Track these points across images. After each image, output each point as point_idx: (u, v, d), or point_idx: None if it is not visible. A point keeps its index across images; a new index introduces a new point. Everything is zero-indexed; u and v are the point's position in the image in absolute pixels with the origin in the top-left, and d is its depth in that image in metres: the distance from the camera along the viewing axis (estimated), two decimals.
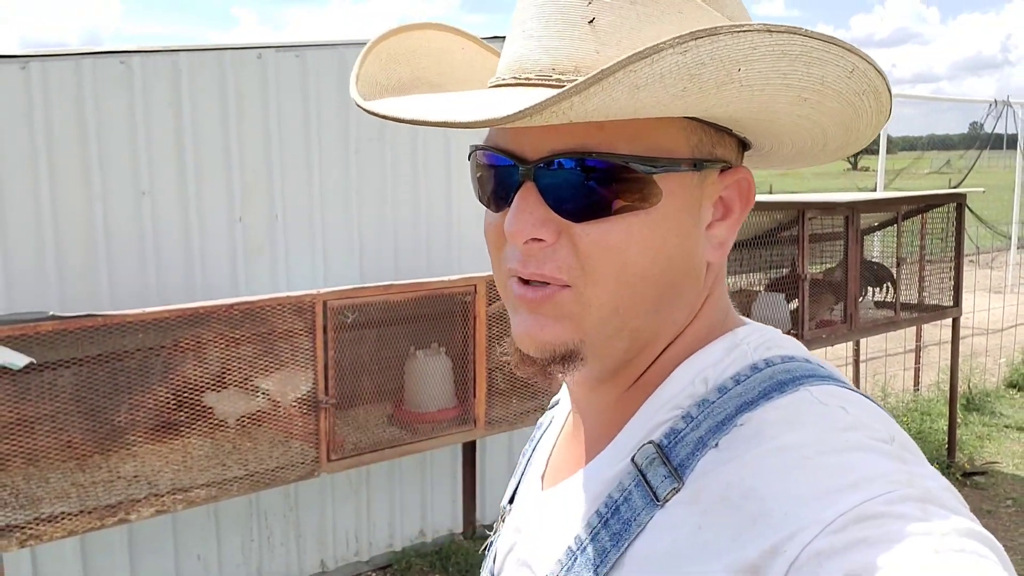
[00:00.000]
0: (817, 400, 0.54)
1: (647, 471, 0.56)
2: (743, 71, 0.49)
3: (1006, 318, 7.78)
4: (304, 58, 3.28)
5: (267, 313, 2.68)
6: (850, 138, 0.62)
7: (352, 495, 3.63)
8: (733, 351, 0.60)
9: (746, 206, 0.61)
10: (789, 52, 0.49)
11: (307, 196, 3.39)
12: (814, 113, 0.56)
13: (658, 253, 0.57)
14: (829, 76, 0.52)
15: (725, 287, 0.66)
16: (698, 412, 0.57)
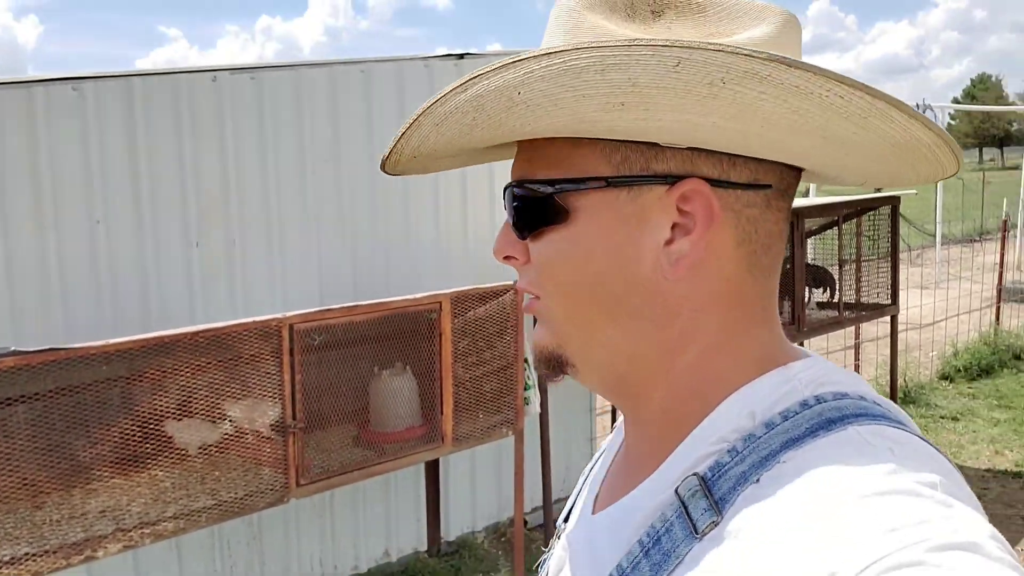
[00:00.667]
0: (864, 440, 0.53)
1: (689, 503, 0.56)
2: (523, 94, 0.54)
3: (936, 313, 8.12)
4: (260, 80, 3.26)
5: (233, 339, 2.65)
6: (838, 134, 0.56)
7: (316, 519, 3.59)
8: (784, 386, 0.59)
9: (708, 219, 0.58)
10: (574, 66, 0.51)
11: (264, 219, 3.36)
12: (645, 116, 0.54)
13: (584, 267, 0.61)
14: (644, 76, 0.51)
15: (764, 318, 0.63)
16: (744, 447, 0.56)
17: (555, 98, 0.54)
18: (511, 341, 3.29)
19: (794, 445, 0.54)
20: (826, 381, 0.59)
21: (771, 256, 0.62)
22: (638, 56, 0.50)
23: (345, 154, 3.55)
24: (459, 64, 3.91)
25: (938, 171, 0.61)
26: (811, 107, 0.52)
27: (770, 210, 0.60)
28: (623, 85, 0.52)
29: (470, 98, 0.56)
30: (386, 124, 3.67)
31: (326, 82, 3.50)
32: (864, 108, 0.52)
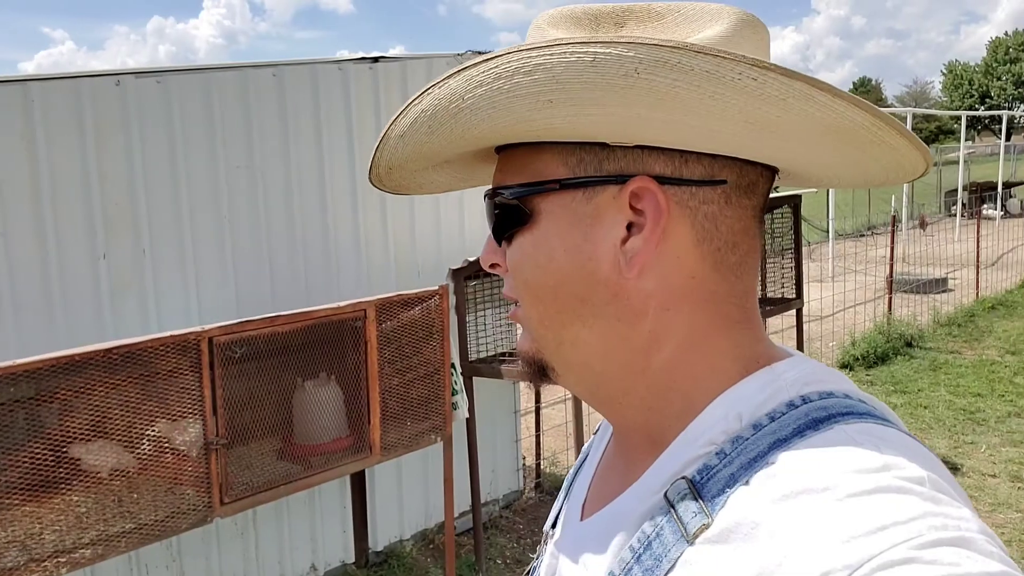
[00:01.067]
0: (850, 439, 0.53)
1: (679, 506, 0.56)
2: (467, 99, 0.57)
3: (835, 304, 8.52)
4: (167, 84, 3.13)
5: (149, 355, 2.54)
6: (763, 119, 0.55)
7: (238, 536, 3.48)
8: (770, 386, 0.59)
9: (658, 216, 0.58)
10: (506, 69, 0.55)
11: (175, 228, 3.23)
12: (605, 108, 0.54)
13: (547, 268, 0.62)
14: (566, 73, 0.53)
15: (749, 316, 0.63)
16: (731, 448, 0.56)
17: (492, 101, 0.56)
18: (437, 346, 3.27)
19: (782, 446, 0.54)
20: (812, 380, 0.59)
21: (739, 254, 0.61)
22: (560, 55, 0.52)
23: (260, 159, 3.46)
24: (374, 68, 3.87)
25: (898, 160, 0.60)
26: (726, 91, 0.52)
27: (731, 207, 0.60)
28: (549, 83, 0.53)
29: (425, 107, 0.60)
30: (301, 128, 3.59)
31: (237, 85, 3.39)
32: (781, 89, 0.52)
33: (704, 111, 0.53)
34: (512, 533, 4.27)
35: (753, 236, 0.62)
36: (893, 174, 0.64)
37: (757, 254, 0.63)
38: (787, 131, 0.55)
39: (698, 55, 0.51)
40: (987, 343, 7.87)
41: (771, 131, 0.55)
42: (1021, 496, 4.46)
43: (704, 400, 0.60)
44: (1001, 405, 5.99)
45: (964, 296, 9.92)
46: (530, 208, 0.62)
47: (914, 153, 0.59)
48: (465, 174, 0.72)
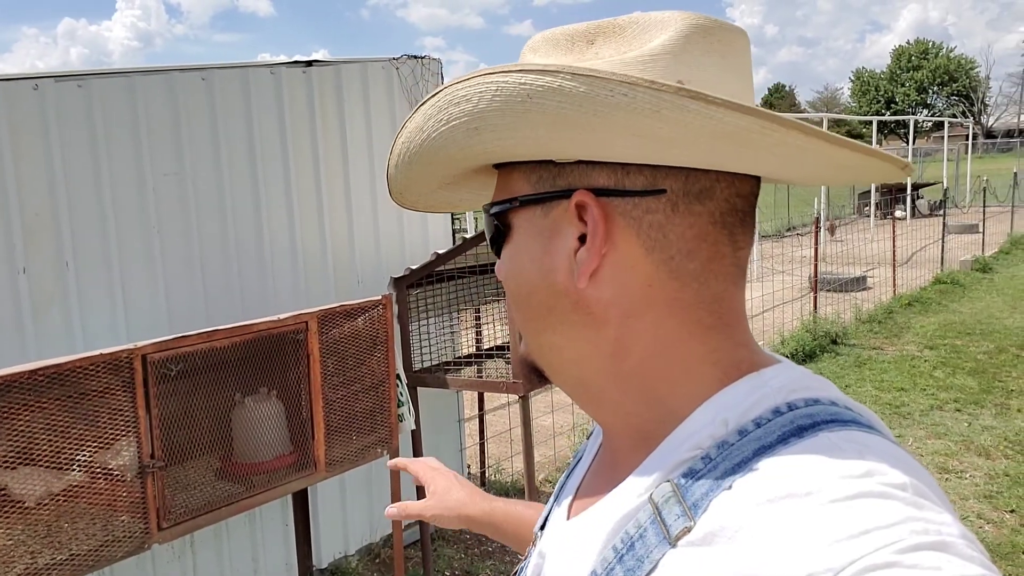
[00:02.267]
0: (834, 445, 0.54)
1: (663, 509, 0.57)
2: (424, 129, 0.64)
3: (763, 304, 8.73)
4: (88, 88, 2.97)
5: (78, 375, 2.39)
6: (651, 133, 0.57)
7: (175, 560, 3.33)
8: (756, 393, 0.59)
9: (596, 228, 0.60)
10: (442, 101, 0.61)
11: (101, 239, 3.07)
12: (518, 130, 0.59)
13: (520, 279, 0.67)
14: (480, 103, 0.58)
15: (728, 321, 0.63)
16: (717, 453, 0.57)
17: (436, 130, 0.62)
18: (382, 357, 3.19)
19: (766, 452, 0.55)
20: (798, 387, 0.60)
21: (699, 261, 0.61)
22: (475, 85, 0.58)
23: (190, 166, 3.32)
24: (307, 72, 3.76)
25: (832, 159, 0.59)
26: (606, 109, 0.54)
27: (679, 215, 0.60)
28: (472, 113, 0.59)
29: (403, 139, 0.66)
30: (232, 133, 3.46)
31: (164, 90, 3.25)
32: (652, 102, 0.53)
33: (593, 128, 0.56)
34: (459, 544, 4.20)
35: (714, 242, 0.61)
36: (851, 173, 0.64)
37: (725, 260, 0.62)
38: (676, 140, 0.56)
39: (575, 76, 0.54)
40: (906, 339, 8.18)
41: (662, 142, 0.56)
42: (949, 487, 4.62)
43: (685, 405, 0.61)
44: (923, 399, 6.22)
45: (882, 294, 10.31)
46: (506, 223, 0.67)
47: (841, 151, 0.58)
48: (485, 191, 0.74)
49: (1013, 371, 6.83)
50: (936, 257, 12.31)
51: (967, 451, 5.14)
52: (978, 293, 10.44)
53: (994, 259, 12.93)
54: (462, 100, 0.59)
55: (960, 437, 5.37)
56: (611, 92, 0.53)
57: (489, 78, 0.57)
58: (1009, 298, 9.99)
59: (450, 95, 0.60)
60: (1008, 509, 4.30)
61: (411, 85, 4.19)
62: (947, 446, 5.23)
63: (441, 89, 0.60)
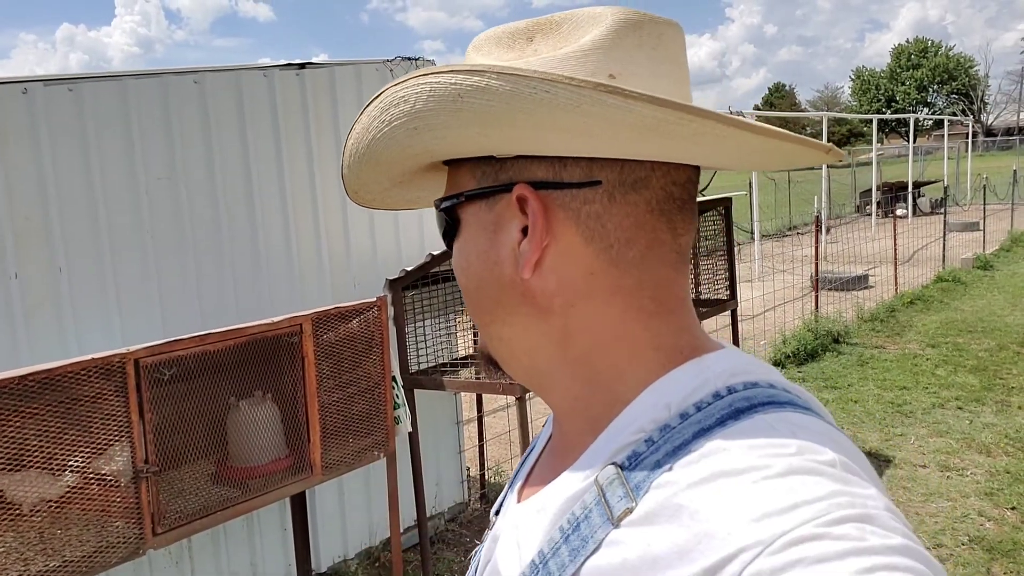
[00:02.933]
0: (769, 426, 0.56)
1: (607, 490, 0.58)
2: (370, 129, 0.65)
3: (765, 303, 8.70)
4: (80, 92, 2.96)
5: (70, 380, 2.37)
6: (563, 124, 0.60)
7: (173, 566, 3.31)
8: (698, 377, 0.61)
9: (535, 219, 0.62)
10: (383, 103, 0.62)
11: (94, 244, 3.06)
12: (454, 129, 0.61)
13: (467, 272, 0.68)
14: (417, 104, 0.60)
15: (670, 308, 0.65)
16: (659, 436, 0.58)
17: (380, 131, 0.64)
18: (377, 359, 3.17)
19: (705, 434, 0.57)
20: (739, 372, 0.62)
21: (638, 248, 0.63)
22: (412, 87, 0.60)
23: (183, 170, 3.30)
24: (300, 74, 3.75)
25: (740, 147, 0.61)
26: (531, 106, 0.56)
27: (615, 204, 0.62)
28: (409, 113, 0.61)
29: (352, 140, 0.67)
30: (225, 137, 3.45)
31: (157, 93, 3.24)
32: (572, 98, 0.55)
33: (521, 124, 0.58)
34: (459, 547, 4.18)
35: (652, 230, 0.63)
36: (777, 157, 0.66)
37: (664, 247, 0.64)
38: (599, 134, 0.58)
39: (501, 76, 0.56)
40: (909, 337, 8.15)
41: (587, 135, 0.58)
42: (951, 485, 4.60)
43: (630, 390, 0.63)
44: (926, 397, 6.19)
45: (884, 292, 10.28)
46: (455, 219, 0.68)
47: (758, 138, 0.59)
48: (438, 189, 0.75)
49: (1014, 368, 6.80)
50: (937, 255, 12.28)
51: (968, 449, 5.11)
52: (979, 291, 10.41)
53: (995, 257, 12.89)
54: (401, 101, 0.61)
55: (962, 435, 5.34)
56: (533, 89, 0.55)
57: (423, 79, 0.59)
58: (1010, 295, 9.96)
59: (390, 96, 0.61)
60: (1009, 506, 4.27)
61: None
62: (949, 444, 5.20)
63: (383, 91, 0.62)
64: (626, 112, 0.55)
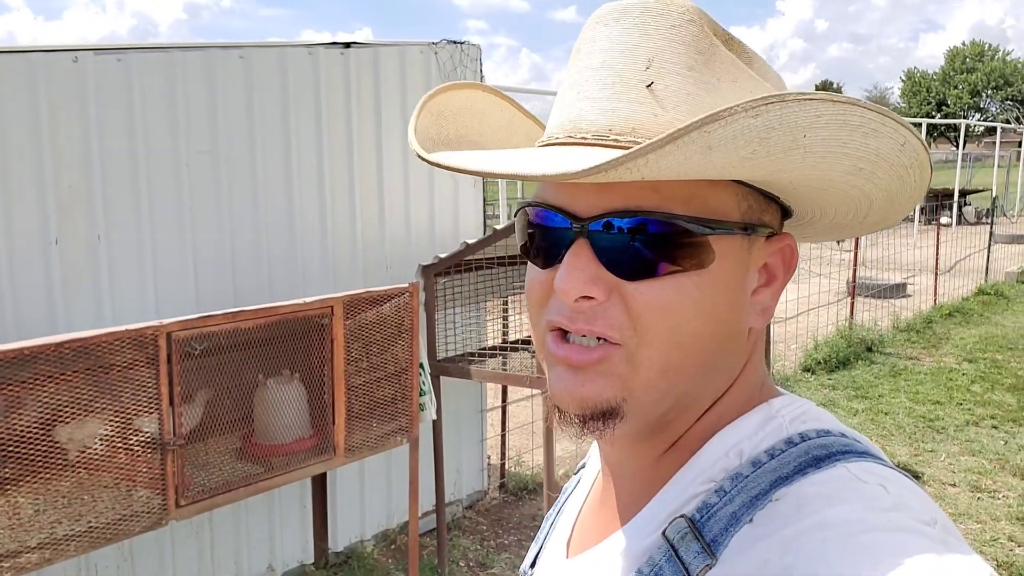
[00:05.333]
0: (856, 477, 0.53)
1: (679, 546, 0.55)
2: (808, 137, 0.50)
3: (798, 307, 8.58)
4: (128, 62, 2.98)
5: (103, 350, 2.40)
6: (891, 211, 0.64)
7: (193, 537, 3.35)
8: (768, 424, 0.59)
9: (788, 272, 0.62)
10: (849, 122, 0.51)
11: (134, 214, 3.09)
12: (866, 184, 0.58)
13: (709, 315, 0.57)
14: (884, 148, 0.54)
15: (762, 355, 0.65)
16: (731, 486, 0.56)
17: (827, 151, 0.53)
18: (406, 345, 3.17)
19: (783, 483, 0.54)
20: (808, 418, 0.59)
21: None
22: (887, 127, 0.52)
23: (224, 145, 3.32)
24: (345, 53, 3.74)
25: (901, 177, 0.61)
26: (919, 181, 0.59)
27: None
28: (871, 152, 0.54)
29: (762, 127, 0.49)
30: (267, 114, 3.45)
31: (201, 67, 3.25)
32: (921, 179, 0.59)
33: (898, 200, 0.62)
34: (475, 535, 4.19)
35: None
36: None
37: None
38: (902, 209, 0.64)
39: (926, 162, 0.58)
40: (945, 350, 7.99)
41: (891, 200, 0.63)
42: (981, 507, 4.50)
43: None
44: (959, 413, 6.07)
45: (922, 302, 10.08)
46: (697, 245, 0.56)
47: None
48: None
49: None
50: (980, 267, 12.01)
51: (1002, 470, 5.00)
52: (1022, 306, 10.17)
53: None
54: (872, 135, 0.53)
55: (995, 455, 5.23)
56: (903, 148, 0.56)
57: (903, 130, 0.54)
58: None
59: (861, 119, 0.51)
60: None
61: (449, 71, 4.15)
62: (981, 464, 5.09)
63: (843, 102, 0.50)
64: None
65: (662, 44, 0.56)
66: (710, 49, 0.56)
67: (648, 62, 0.56)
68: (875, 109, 0.51)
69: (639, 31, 0.56)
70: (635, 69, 0.56)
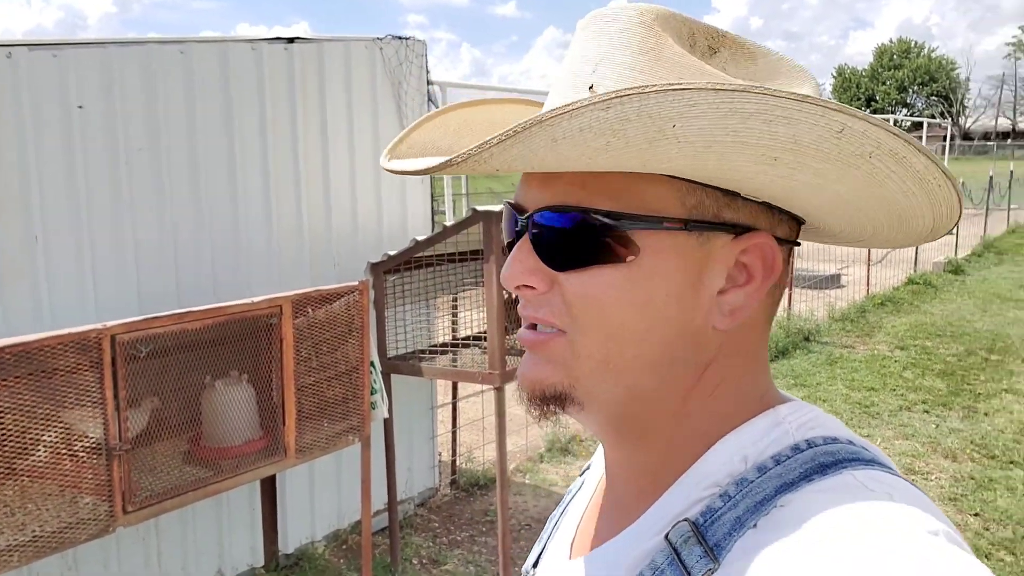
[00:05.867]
0: (862, 485, 0.53)
1: (682, 550, 0.55)
2: (679, 127, 0.49)
3: None
4: (63, 58, 2.89)
5: (45, 354, 2.33)
6: (900, 216, 0.60)
7: (140, 543, 3.28)
8: (774, 430, 0.59)
9: (769, 274, 0.59)
10: (741, 110, 0.48)
11: (71, 214, 3.00)
12: (817, 179, 0.54)
13: (643, 309, 0.58)
14: (805, 136, 0.50)
15: (764, 361, 0.64)
16: (736, 491, 0.56)
17: (711, 140, 0.50)
18: (356, 344, 3.16)
19: (789, 489, 0.54)
20: (815, 425, 0.59)
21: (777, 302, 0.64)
22: (807, 114, 0.49)
23: (165, 143, 3.24)
24: (289, 49, 3.69)
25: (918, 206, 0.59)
26: (919, 191, 0.55)
27: (785, 263, 0.62)
28: (786, 141, 0.51)
29: (614, 119, 0.49)
30: (209, 111, 3.39)
31: (139, 63, 3.17)
32: (945, 196, 0.56)
33: (891, 200, 0.57)
34: (427, 532, 4.19)
35: (784, 282, 0.65)
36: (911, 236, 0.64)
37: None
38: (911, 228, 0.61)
39: (918, 153, 0.52)
40: (878, 338, 8.27)
41: (903, 221, 0.60)
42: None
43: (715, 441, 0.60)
44: (893, 399, 6.29)
45: (856, 292, 10.40)
46: (626, 239, 0.57)
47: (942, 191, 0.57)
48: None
49: (981, 374, 6.93)
50: (910, 257, 12.44)
51: (934, 453, 5.21)
52: (950, 295, 10.58)
53: (966, 262, 13.10)
54: (779, 121, 0.49)
55: (927, 439, 5.44)
56: (935, 178, 0.54)
57: (833, 115, 0.49)
58: (980, 301, 10.12)
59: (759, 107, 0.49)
60: (972, 512, 4.37)
61: (395, 66, 4.13)
62: (914, 447, 5.29)
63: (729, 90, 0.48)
64: (945, 191, 0.56)
65: (608, 48, 0.57)
66: (656, 49, 0.56)
67: (595, 65, 0.57)
68: (781, 95, 0.48)
69: (594, 38, 0.58)
70: (584, 72, 0.58)
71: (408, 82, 4.14)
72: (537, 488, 4.74)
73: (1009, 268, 12.74)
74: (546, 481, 4.83)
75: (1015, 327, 8.64)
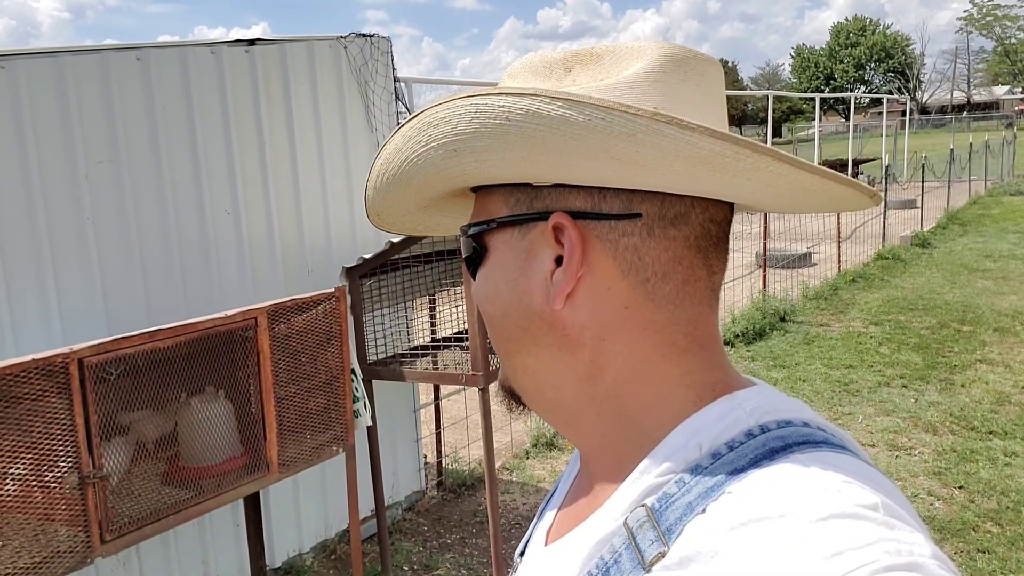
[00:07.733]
0: (805, 467, 0.54)
1: (637, 534, 0.57)
2: (403, 152, 0.64)
3: None
4: (13, 69, 2.76)
5: (8, 382, 2.22)
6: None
7: (121, 568, 3.18)
8: (729, 415, 0.60)
9: (573, 249, 0.61)
10: (424, 122, 0.61)
11: (30, 233, 2.88)
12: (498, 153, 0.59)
13: (494, 300, 0.66)
14: (460, 125, 0.59)
15: (703, 344, 0.64)
16: (690, 477, 0.57)
17: (416, 152, 0.62)
18: (336, 352, 3.07)
19: (738, 475, 0.55)
20: (771, 410, 0.60)
21: (674, 283, 0.62)
22: (454, 107, 0.58)
23: (126, 153, 3.13)
24: (250, 51, 3.58)
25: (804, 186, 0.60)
26: (583, 132, 0.55)
27: (654, 238, 0.61)
28: (451, 135, 0.59)
29: (382, 161, 0.66)
30: (171, 118, 3.27)
31: (96, 72, 3.05)
32: (628, 126, 0.54)
33: (570, 151, 0.56)
34: (417, 536, 4.12)
35: (688, 266, 0.62)
36: (821, 200, 0.64)
37: (700, 283, 0.63)
38: (651, 165, 0.56)
39: (554, 100, 0.54)
40: (852, 315, 8.33)
41: (639, 165, 0.57)
42: (900, 464, 4.70)
43: (660, 428, 0.61)
44: (871, 375, 6.33)
45: (827, 270, 10.48)
46: (483, 245, 0.67)
47: (810, 178, 0.59)
48: (462, 216, 0.74)
49: (955, 346, 7.00)
50: (878, 232, 12.57)
51: (915, 427, 5.24)
52: (918, 268, 10.70)
53: (932, 234, 13.26)
54: (441, 122, 0.59)
55: (908, 413, 5.47)
56: (588, 116, 0.54)
57: (468, 100, 0.57)
58: (948, 273, 10.25)
59: (429, 117, 0.60)
60: (957, 485, 4.39)
61: (360, 64, 4.03)
62: (896, 423, 5.32)
63: (420, 112, 0.61)
64: (681, 143, 0.54)
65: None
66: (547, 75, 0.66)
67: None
68: (432, 105, 0.60)
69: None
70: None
71: (375, 80, 4.05)
72: (524, 485, 4.70)
73: (973, 239, 12.92)
74: (533, 478, 4.78)
75: (983, 297, 8.75)
